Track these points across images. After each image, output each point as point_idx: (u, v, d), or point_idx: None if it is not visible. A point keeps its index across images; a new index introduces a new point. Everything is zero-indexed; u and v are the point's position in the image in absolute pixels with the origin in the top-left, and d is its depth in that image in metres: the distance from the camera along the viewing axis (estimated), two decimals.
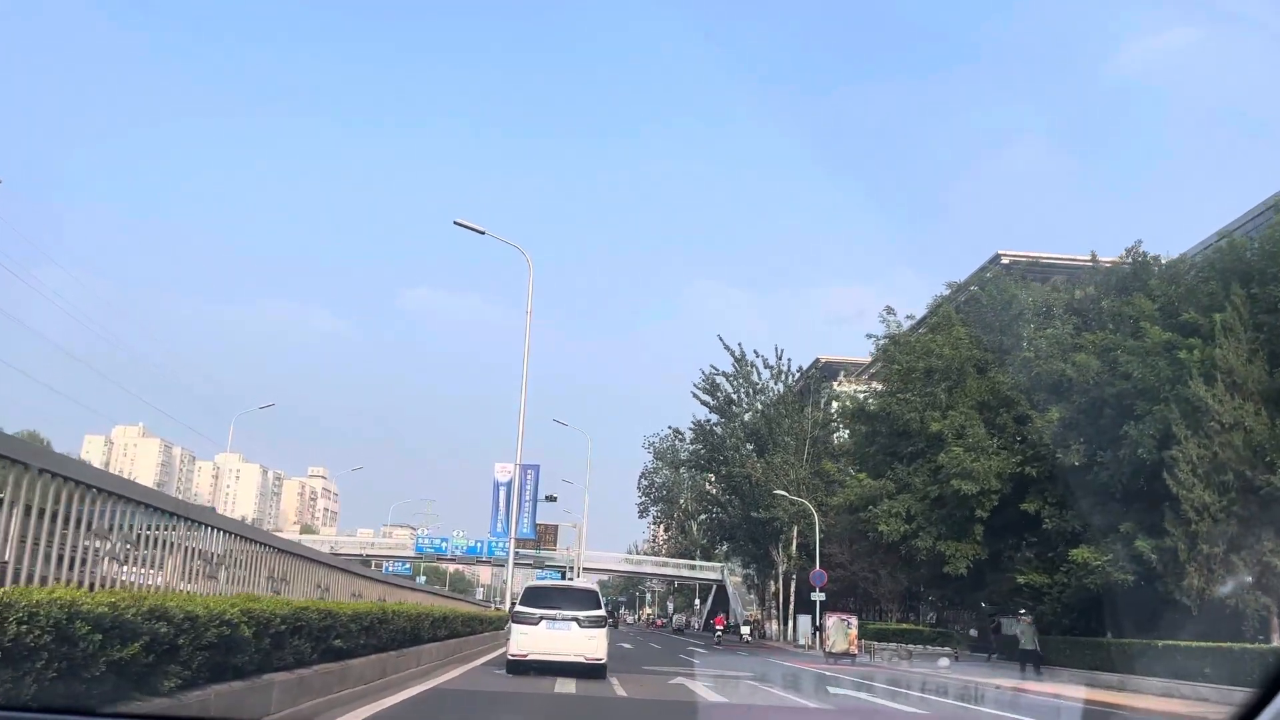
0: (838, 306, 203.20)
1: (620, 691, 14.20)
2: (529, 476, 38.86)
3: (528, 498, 38.79)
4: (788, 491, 48.57)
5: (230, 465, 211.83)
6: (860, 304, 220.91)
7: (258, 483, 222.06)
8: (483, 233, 34.65)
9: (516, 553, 72.53)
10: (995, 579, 28.45)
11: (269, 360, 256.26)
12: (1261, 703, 2.28)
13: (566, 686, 14.30)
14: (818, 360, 59.72)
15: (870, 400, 28.31)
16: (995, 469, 23.63)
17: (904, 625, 44.44)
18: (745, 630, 56.21)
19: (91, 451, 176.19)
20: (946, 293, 28.81)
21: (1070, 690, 18.24)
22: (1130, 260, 25.42)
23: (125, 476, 7.43)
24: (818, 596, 43.14)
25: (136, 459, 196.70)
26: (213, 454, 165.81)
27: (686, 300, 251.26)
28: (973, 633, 44.47)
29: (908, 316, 29.54)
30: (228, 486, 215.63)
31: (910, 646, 34.97)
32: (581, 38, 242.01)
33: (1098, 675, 21.24)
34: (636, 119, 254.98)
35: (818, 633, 41.29)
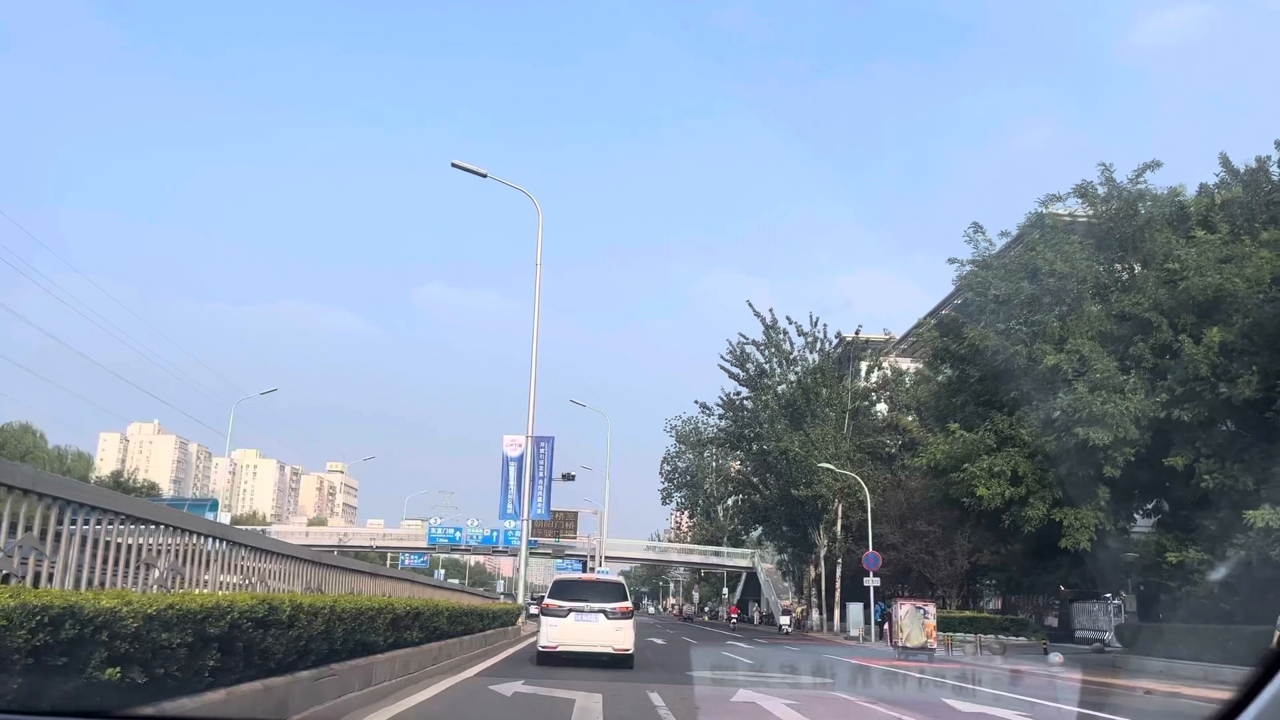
0: (849, 293, 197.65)
1: None
2: (543, 450, 33.99)
3: (541, 474, 33.91)
4: (833, 465, 43.62)
5: (247, 461, 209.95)
6: (869, 289, 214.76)
7: (275, 478, 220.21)
8: (484, 175, 31.77)
9: (535, 541, 68.26)
10: (1105, 555, 23.33)
11: (286, 358, 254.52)
12: (1261, 682, 2.06)
13: (589, 716, 9.48)
14: (859, 328, 54.25)
15: (947, 340, 22.86)
16: (1133, 412, 18.36)
17: (967, 612, 39.61)
18: (785, 620, 51.31)
19: (107, 449, 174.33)
20: (1041, 210, 23.31)
21: None
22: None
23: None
24: (872, 581, 38.32)
25: (152, 456, 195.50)
26: (229, 450, 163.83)
27: (696, 295, 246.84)
28: (1041, 619, 39.56)
29: (1001, 234, 24.07)
30: (245, 482, 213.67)
31: (1002, 638, 30.16)
32: (582, 42, 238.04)
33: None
34: (639, 116, 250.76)
35: (880, 623, 36.72)
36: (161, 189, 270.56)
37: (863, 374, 52.78)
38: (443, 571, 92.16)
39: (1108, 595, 32.36)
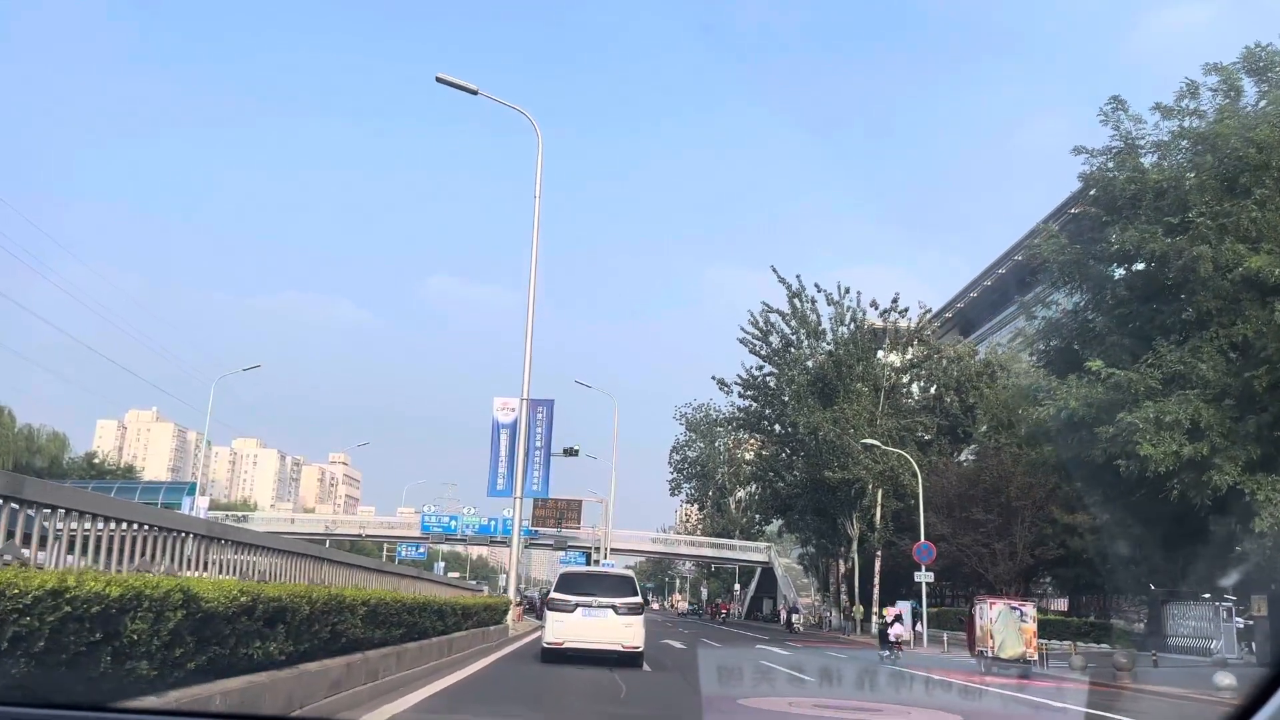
0: (860, 288, 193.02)
1: None
2: (540, 416, 28.57)
3: (538, 444, 28.49)
4: (878, 443, 38.27)
5: (248, 450, 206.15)
6: (878, 287, 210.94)
7: (276, 468, 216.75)
8: (475, 92, 28.19)
9: (536, 531, 62.67)
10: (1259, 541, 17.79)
11: (290, 350, 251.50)
12: (1276, 682, 1.98)
13: None
14: (896, 296, 48.44)
15: (1077, 249, 16.69)
16: None
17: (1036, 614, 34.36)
18: (795, 619, 46.20)
19: (104, 435, 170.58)
20: (1203, 79, 17.01)
21: None
22: None
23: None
24: (924, 576, 32.91)
25: (150, 443, 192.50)
26: (215, 437, 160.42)
27: (699, 292, 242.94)
28: (1137, 625, 34.21)
29: (1153, 108, 17.70)
30: (245, 472, 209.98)
31: (1131, 650, 24.93)
32: (591, 35, 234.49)
33: None
34: (641, 113, 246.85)
35: (964, 630, 31.50)
36: (168, 183, 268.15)
37: (901, 348, 47.30)
38: (443, 564, 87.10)
39: (1206, 595, 27.05)
